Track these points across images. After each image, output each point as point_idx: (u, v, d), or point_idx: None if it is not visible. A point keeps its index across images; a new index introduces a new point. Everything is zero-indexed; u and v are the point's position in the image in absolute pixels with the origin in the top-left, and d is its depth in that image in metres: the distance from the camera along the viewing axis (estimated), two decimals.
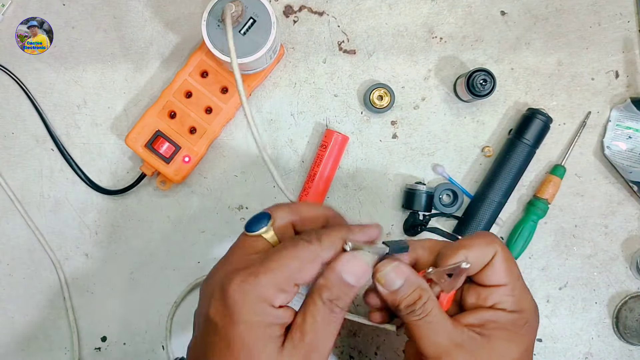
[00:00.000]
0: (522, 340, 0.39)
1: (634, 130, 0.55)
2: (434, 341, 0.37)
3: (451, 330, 0.38)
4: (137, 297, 0.56)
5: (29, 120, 0.55)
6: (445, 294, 0.39)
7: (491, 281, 0.39)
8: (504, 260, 0.38)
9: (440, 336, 0.37)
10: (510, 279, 0.39)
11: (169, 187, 0.53)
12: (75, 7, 0.55)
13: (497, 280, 0.38)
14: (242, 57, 0.46)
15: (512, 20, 0.55)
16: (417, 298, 0.37)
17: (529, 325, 0.39)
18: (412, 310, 0.37)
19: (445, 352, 0.37)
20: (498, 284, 0.38)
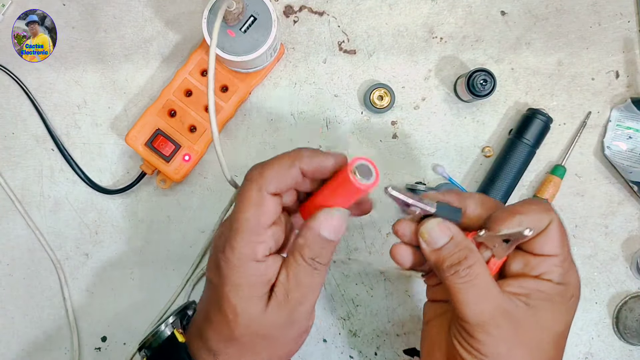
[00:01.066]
0: (567, 313, 0.37)
1: (634, 131, 0.55)
2: (479, 307, 0.35)
3: (498, 297, 0.36)
4: (137, 297, 0.56)
5: (29, 120, 0.55)
6: (497, 260, 0.37)
7: (543, 250, 0.37)
8: (559, 230, 0.37)
9: (486, 302, 0.35)
10: (562, 249, 0.37)
11: (169, 186, 0.53)
12: (75, 7, 0.55)
13: (549, 250, 0.37)
14: (242, 54, 0.46)
15: (513, 20, 0.55)
16: (462, 258, 0.36)
17: (574, 300, 0.38)
18: (455, 272, 0.36)
19: (491, 319, 0.35)
20: (549, 254, 0.37)
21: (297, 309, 0.37)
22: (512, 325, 0.35)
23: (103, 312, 0.56)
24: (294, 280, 0.37)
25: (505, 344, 0.35)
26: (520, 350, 0.36)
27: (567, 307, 0.37)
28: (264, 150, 0.55)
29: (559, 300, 0.37)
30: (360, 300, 0.56)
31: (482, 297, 0.35)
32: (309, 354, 0.56)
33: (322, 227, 0.36)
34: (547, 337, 0.37)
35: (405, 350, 0.56)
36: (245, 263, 0.35)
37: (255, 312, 0.36)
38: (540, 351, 0.37)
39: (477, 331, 0.35)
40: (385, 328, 0.56)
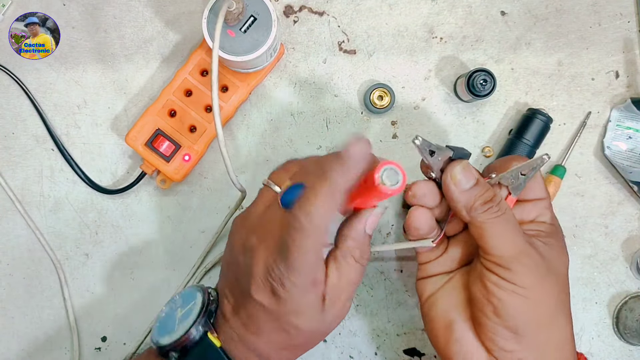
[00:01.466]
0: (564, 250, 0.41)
1: (634, 131, 0.55)
2: (512, 238, 0.38)
3: (523, 232, 0.39)
4: (137, 297, 0.56)
5: (29, 121, 0.55)
6: (513, 196, 0.40)
7: (534, 195, 0.41)
8: (541, 175, 0.41)
9: (518, 234, 0.38)
10: (547, 193, 0.41)
11: (169, 186, 0.53)
12: (75, 7, 0.55)
13: (537, 194, 0.41)
14: (242, 54, 0.46)
15: (513, 20, 0.55)
16: (492, 196, 0.39)
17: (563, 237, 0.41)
18: (489, 207, 0.38)
19: (524, 248, 0.38)
20: (538, 198, 0.41)
21: (346, 305, 0.40)
22: (540, 256, 0.38)
23: (103, 312, 0.56)
24: (346, 281, 0.39)
25: (538, 273, 0.37)
26: (549, 279, 0.38)
27: (563, 243, 0.41)
28: (264, 150, 0.55)
29: (556, 238, 0.40)
30: (360, 300, 0.56)
31: (513, 230, 0.38)
32: (309, 354, 0.56)
33: (368, 226, 0.40)
34: (564, 269, 0.40)
35: (405, 350, 0.56)
36: (307, 290, 0.37)
37: (316, 324, 0.39)
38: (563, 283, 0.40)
39: (512, 262, 0.37)
40: (385, 328, 0.56)
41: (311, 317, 0.38)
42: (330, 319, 0.39)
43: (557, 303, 0.39)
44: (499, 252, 0.37)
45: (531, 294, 0.37)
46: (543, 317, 0.38)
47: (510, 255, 0.37)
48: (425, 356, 0.56)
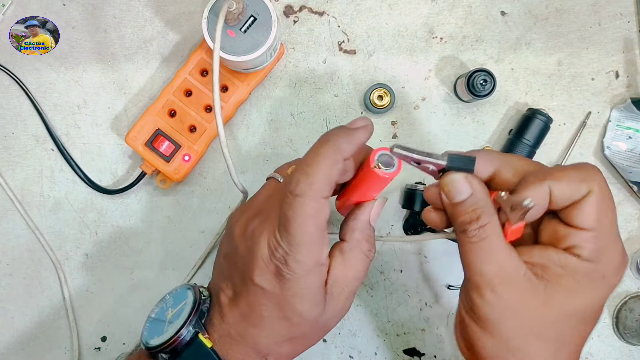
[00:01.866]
0: (587, 294, 0.34)
1: (634, 131, 0.55)
2: (481, 269, 0.34)
3: (505, 263, 0.34)
4: (137, 297, 0.56)
5: (29, 121, 0.55)
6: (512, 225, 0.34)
7: (576, 222, 0.33)
8: (598, 203, 0.33)
9: (490, 266, 0.34)
10: (599, 224, 0.33)
11: (168, 186, 0.53)
12: (75, 7, 0.55)
13: (582, 223, 0.33)
14: (242, 54, 0.46)
15: (512, 20, 0.55)
16: (474, 218, 0.34)
17: (604, 282, 0.34)
18: (464, 230, 0.34)
19: (489, 284, 0.34)
20: (582, 227, 0.33)
21: (348, 300, 0.39)
22: (515, 297, 0.34)
23: (103, 312, 0.56)
24: (352, 274, 0.38)
25: (499, 311, 0.34)
26: (517, 322, 0.34)
27: (592, 287, 0.34)
28: (264, 150, 0.55)
29: (582, 279, 0.34)
30: (360, 300, 0.56)
31: (486, 261, 0.34)
32: (309, 354, 0.56)
33: (372, 217, 0.39)
34: (557, 316, 0.34)
35: (405, 350, 0.56)
36: (311, 271, 0.36)
37: (319, 312, 0.38)
38: (544, 329, 0.34)
39: (474, 292, 0.35)
40: (385, 328, 0.56)
41: (314, 303, 0.37)
42: (331, 312, 0.38)
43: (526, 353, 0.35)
44: (465, 275, 0.35)
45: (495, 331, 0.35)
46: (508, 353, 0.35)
47: (475, 284, 0.34)
48: (425, 356, 0.56)
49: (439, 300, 0.56)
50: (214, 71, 0.43)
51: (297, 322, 0.38)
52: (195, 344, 0.38)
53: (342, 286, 0.38)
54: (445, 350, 0.56)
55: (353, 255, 0.38)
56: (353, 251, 0.39)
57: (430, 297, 0.56)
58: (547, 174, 0.34)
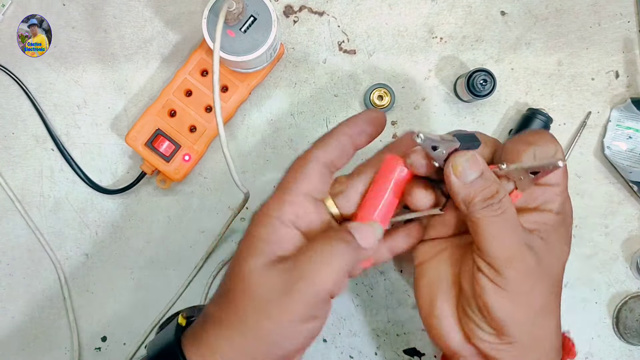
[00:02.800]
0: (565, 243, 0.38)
1: (634, 131, 0.55)
2: (508, 241, 0.35)
3: (522, 231, 0.36)
4: (137, 297, 0.56)
5: (29, 121, 0.55)
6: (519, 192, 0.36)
7: (548, 180, 0.36)
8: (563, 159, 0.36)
9: (515, 236, 0.35)
10: (563, 179, 0.37)
11: (168, 186, 0.53)
12: (75, 7, 0.55)
13: (549, 179, 0.36)
14: (242, 54, 0.46)
15: (512, 20, 0.55)
16: (494, 192, 0.35)
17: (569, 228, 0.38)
18: (489, 205, 0.35)
19: (519, 253, 0.35)
20: (552, 184, 0.36)
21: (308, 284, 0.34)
22: (535, 259, 0.35)
23: (103, 312, 0.56)
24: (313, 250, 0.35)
25: (530, 279, 0.36)
26: (541, 284, 0.36)
27: (565, 236, 0.38)
28: (264, 151, 0.55)
29: (559, 232, 0.37)
30: (360, 300, 0.56)
31: (510, 231, 0.35)
32: (309, 353, 0.56)
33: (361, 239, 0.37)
34: (559, 267, 0.38)
35: (405, 350, 0.56)
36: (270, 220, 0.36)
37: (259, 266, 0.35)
38: (555, 283, 0.38)
39: (505, 267, 0.35)
40: (385, 328, 0.56)
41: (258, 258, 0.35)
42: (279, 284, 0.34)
43: (546, 304, 0.37)
44: (492, 253, 0.35)
45: (521, 299, 0.36)
46: (530, 318, 0.37)
47: (504, 258, 0.35)
48: (425, 356, 0.56)
49: None
50: (214, 71, 0.43)
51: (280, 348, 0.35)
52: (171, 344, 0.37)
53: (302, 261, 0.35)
54: None
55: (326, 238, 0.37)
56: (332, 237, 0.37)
57: None
58: (527, 139, 0.36)
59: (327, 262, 0.34)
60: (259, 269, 0.35)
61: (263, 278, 0.34)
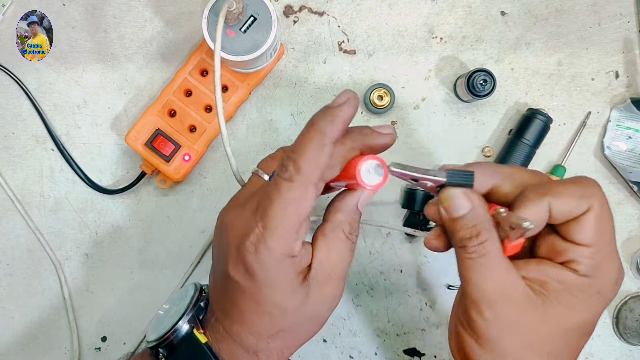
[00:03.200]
0: (583, 309, 0.34)
1: (634, 131, 0.55)
2: (480, 286, 0.34)
3: (503, 280, 0.34)
4: (137, 297, 0.56)
5: (29, 120, 0.55)
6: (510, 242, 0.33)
7: (575, 238, 0.33)
8: (597, 219, 0.33)
9: (489, 283, 0.33)
10: (597, 241, 0.33)
11: (168, 186, 0.53)
12: (75, 7, 0.55)
13: (581, 239, 0.33)
14: (242, 54, 0.46)
15: (512, 20, 0.55)
16: (474, 234, 0.34)
17: (599, 297, 0.34)
18: (464, 246, 0.34)
19: (488, 302, 0.34)
20: (580, 243, 0.33)
21: (338, 285, 0.38)
22: (514, 312, 0.34)
23: (103, 312, 0.56)
24: (336, 256, 0.37)
25: (497, 329, 0.34)
26: (515, 338, 0.34)
27: (589, 302, 0.34)
28: (264, 150, 0.55)
29: (578, 294, 0.33)
30: (360, 300, 0.56)
31: (485, 278, 0.33)
32: (309, 354, 0.56)
33: (361, 202, 0.37)
34: (554, 331, 0.34)
35: (405, 350, 0.56)
36: (282, 262, 0.35)
37: (300, 301, 0.36)
38: (542, 344, 0.34)
39: (472, 308, 0.34)
40: (385, 328, 0.56)
41: (290, 292, 0.35)
42: (319, 300, 0.37)
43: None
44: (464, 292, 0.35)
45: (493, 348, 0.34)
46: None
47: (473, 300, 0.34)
48: (425, 356, 0.56)
49: (439, 300, 0.56)
50: (215, 71, 0.43)
51: (277, 315, 0.36)
52: (190, 339, 0.38)
53: (327, 271, 0.37)
54: (445, 350, 0.56)
55: (335, 237, 0.37)
56: (335, 232, 0.37)
57: (430, 297, 0.56)
58: (546, 190, 0.33)
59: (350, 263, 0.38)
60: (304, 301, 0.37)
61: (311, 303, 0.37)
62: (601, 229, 0.33)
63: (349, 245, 0.38)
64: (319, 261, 0.37)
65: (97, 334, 0.56)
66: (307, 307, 0.37)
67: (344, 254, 0.37)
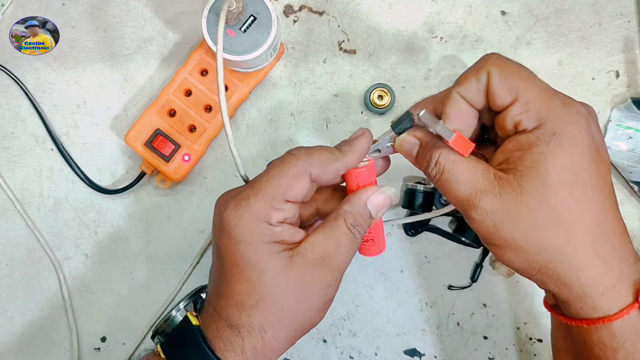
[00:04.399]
0: (552, 157, 0.33)
1: (635, 131, 0.55)
2: (459, 197, 0.35)
3: (472, 179, 0.35)
4: (137, 297, 0.56)
5: (29, 120, 0.55)
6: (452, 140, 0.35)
7: (498, 104, 0.35)
8: (500, 76, 0.34)
9: (462, 190, 0.35)
10: (514, 92, 0.34)
11: (168, 186, 0.53)
12: (75, 7, 0.55)
13: (503, 100, 0.34)
14: (242, 54, 0.46)
15: (513, 20, 0.55)
16: (427, 159, 0.37)
17: (560, 137, 0.33)
18: (429, 175, 0.37)
19: (471, 205, 0.35)
20: (506, 104, 0.34)
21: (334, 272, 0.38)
22: (494, 199, 0.34)
23: (103, 312, 0.56)
24: (333, 244, 0.37)
25: (491, 223, 0.35)
26: (510, 221, 0.34)
27: (551, 149, 0.33)
28: (264, 150, 0.55)
29: (537, 147, 0.33)
30: (360, 300, 0.56)
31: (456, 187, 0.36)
32: (309, 354, 0.56)
33: (370, 200, 0.39)
34: (539, 194, 0.33)
35: (405, 351, 0.56)
36: (258, 223, 0.36)
37: (280, 267, 0.36)
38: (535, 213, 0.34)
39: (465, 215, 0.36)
40: (385, 328, 0.56)
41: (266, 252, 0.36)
42: (308, 277, 0.37)
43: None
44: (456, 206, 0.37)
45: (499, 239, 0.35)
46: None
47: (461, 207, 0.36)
48: (425, 356, 0.56)
49: (439, 300, 0.56)
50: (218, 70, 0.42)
51: (255, 279, 0.36)
52: (183, 322, 0.39)
53: (320, 254, 0.37)
54: (445, 351, 0.56)
55: (336, 224, 0.38)
56: (337, 220, 0.38)
57: (430, 297, 0.56)
58: (453, 87, 0.36)
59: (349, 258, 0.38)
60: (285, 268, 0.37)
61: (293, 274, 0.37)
62: (510, 79, 0.34)
63: (350, 236, 0.38)
64: (311, 242, 0.37)
65: (97, 334, 0.56)
66: (289, 276, 0.36)
67: (343, 244, 0.37)
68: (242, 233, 0.36)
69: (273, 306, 0.37)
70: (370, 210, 0.39)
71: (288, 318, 0.37)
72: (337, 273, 0.38)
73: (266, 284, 0.36)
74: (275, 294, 0.36)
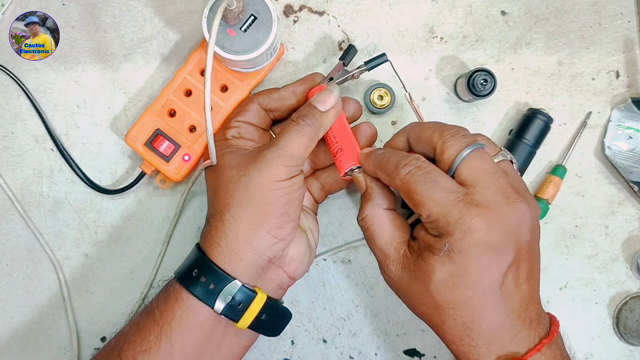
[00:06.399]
0: (442, 264, 0.39)
1: (635, 131, 0.55)
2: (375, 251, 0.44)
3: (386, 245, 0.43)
4: (137, 297, 0.56)
5: (29, 120, 0.55)
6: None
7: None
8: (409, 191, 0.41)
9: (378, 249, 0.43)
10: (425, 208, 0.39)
11: (168, 186, 0.53)
12: (75, 7, 0.55)
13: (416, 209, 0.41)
14: (242, 54, 0.46)
15: (513, 20, 0.55)
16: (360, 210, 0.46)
17: (454, 253, 0.38)
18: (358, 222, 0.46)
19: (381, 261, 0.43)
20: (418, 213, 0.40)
21: (289, 163, 0.43)
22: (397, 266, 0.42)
23: (103, 312, 0.56)
24: (286, 134, 0.44)
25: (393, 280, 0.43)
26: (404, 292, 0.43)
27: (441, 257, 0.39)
28: None
29: (431, 248, 0.39)
30: (360, 300, 0.56)
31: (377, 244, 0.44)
32: (309, 354, 0.56)
33: (314, 98, 0.46)
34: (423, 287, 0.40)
35: (405, 351, 0.56)
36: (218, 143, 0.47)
37: (235, 162, 0.44)
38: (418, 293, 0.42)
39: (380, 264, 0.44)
40: (385, 328, 0.56)
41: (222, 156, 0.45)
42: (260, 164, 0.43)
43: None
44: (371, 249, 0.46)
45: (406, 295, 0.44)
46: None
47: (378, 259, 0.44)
48: (425, 357, 0.56)
49: None
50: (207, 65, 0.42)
51: (216, 177, 0.45)
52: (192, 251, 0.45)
53: (277, 150, 0.43)
54: (445, 351, 0.56)
55: (285, 124, 0.45)
56: (290, 120, 0.45)
57: None
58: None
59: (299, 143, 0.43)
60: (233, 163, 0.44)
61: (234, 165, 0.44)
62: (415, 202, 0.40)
63: (295, 125, 0.44)
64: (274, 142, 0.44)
65: (97, 334, 0.56)
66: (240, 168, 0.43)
67: (290, 131, 0.44)
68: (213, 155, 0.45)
69: (226, 192, 0.43)
70: (315, 104, 0.45)
71: (242, 198, 0.42)
72: (294, 168, 0.43)
73: (223, 176, 0.44)
74: (229, 183, 0.43)
